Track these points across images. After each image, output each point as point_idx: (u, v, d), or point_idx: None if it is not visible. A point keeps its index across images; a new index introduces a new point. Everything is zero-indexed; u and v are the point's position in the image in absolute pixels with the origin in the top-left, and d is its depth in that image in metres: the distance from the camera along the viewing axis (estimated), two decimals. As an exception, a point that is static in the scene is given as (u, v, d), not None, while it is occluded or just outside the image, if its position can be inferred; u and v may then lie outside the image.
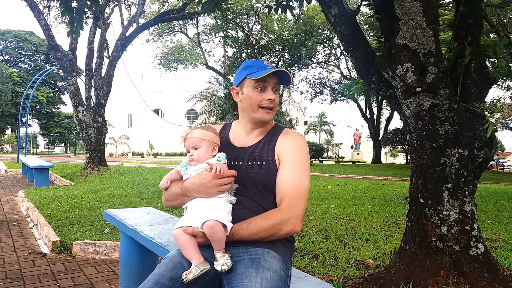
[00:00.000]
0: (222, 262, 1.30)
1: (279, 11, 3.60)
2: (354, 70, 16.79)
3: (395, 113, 21.20)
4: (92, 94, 11.54)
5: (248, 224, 1.36)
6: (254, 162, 1.48)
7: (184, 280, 1.26)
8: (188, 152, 1.49)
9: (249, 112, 1.50)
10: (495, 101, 2.40)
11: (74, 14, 3.44)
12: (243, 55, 23.91)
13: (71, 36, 7.09)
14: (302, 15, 21.52)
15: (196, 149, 1.47)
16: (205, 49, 24.67)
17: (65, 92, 36.25)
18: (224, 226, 1.33)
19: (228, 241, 1.35)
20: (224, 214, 1.36)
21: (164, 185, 1.50)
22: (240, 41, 23.70)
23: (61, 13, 3.49)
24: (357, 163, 28.08)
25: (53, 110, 48.71)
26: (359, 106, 26.68)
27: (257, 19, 22.17)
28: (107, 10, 12.33)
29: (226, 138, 1.58)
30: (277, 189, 1.43)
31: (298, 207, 1.39)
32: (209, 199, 1.40)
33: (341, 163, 29.88)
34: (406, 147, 22.01)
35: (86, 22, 3.45)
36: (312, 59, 25.67)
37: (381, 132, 26.81)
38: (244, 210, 1.41)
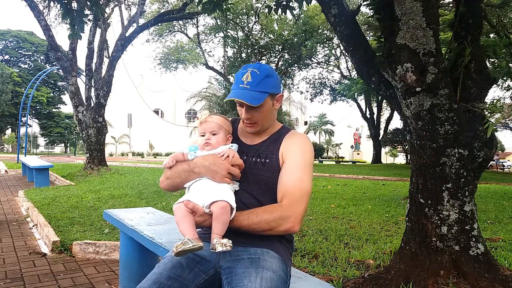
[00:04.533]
0: (225, 241, 1.27)
1: (279, 11, 3.60)
2: (354, 70, 16.78)
3: (395, 113, 21.20)
4: (92, 94, 11.54)
5: (249, 213, 1.37)
6: (258, 159, 1.49)
7: (174, 251, 1.24)
8: (203, 135, 1.50)
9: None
10: (495, 101, 2.40)
11: (75, 16, 3.43)
12: (243, 55, 23.91)
13: (72, 39, 7.09)
14: (302, 15, 21.52)
15: (214, 134, 1.48)
16: (205, 49, 24.70)
17: (65, 92, 36.25)
18: (232, 210, 1.33)
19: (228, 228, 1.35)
20: (233, 198, 1.36)
21: (169, 163, 1.49)
22: (240, 41, 23.70)
23: (62, 16, 3.48)
24: (357, 163, 28.08)
25: (53, 110, 48.70)
26: (359, 106, 26.69)
27: (257, 19, 22.17)
28: (107, 10, 12.33)
29: (234, 132, 1.60)
30: (279, 187, 1.44)
31: (299, 207, 1.39)
32: (214, 183, 1.40)
33: (341, 163, 29.88)
34: (406, 147, 22.03)
35: (86, 23, 3.44)
36: (312, 59, 25.65)
37: (381, 132, 26.82)
38: (242, 204, 1.42)
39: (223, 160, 1.40)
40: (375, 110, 26.79)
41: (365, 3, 2.90)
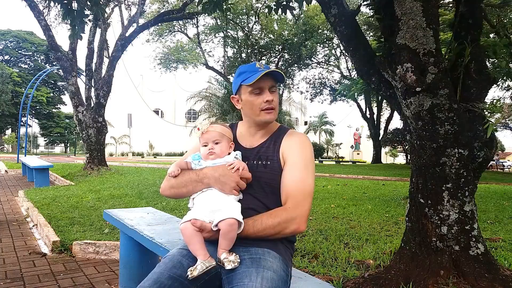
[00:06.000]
0: (233, 258, 1.30)
1: (279, 11, 3.60)
2: (354, 70, 16.78)
3: (395, 113, 21.20)
4: (92, 94, 11.55)
5: (254, 221, 1.37)
6: (260, 162, 1.50)
7: (190, 276, 1.26)
8: (205, 145, 1.50)
9: (252, 116, 1.53)
10: (495, 101, 2.40)
11: (75, 16, 3.43)
12: (243, 55, 23.92)
13: (73, 39, 7.09)
14: (302, 15, 21.52)
15: (217, 143, 1.49)
16: (205, 49, 24.68)
17: (65, 92, 36.27)
18: (240, 225, 1.34)
19: None
20: (239, 213, 1.37)
21: (175, 172, 1.49)
22: (240, 41, 23.70)
23: (62, 16, 3.48)
24: (357, 163, 28.08)
25: (53, 110, 48.68)
26: (359, 106, 26.68)
27: (257, 19, 22.17)
28: (107, 10, 12.33)
29: (234, 137, 1.60)
30: (282, 189, 1.45)
31: (303, 207, 1.40)
32: (221, 195, 1.40)
33: (341, 163, 29.88)
34: (406, 147, 22.02)
35: (86, 23, 3.43)
36: (312, 59, 25.65)
37: (381, 132, 26.81)
38: (248, 208, 1.42)
39: (233, 173, 1.41)
40: (375, 110, 26.79)
41: (365, 3, 2.90)
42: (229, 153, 1.50)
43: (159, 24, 19.32)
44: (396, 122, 30.00)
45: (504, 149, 53.81)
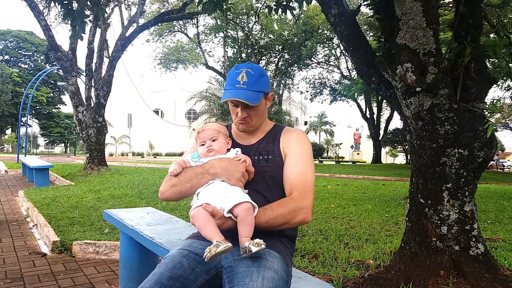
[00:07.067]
0: (258, 240, 1.26)
1: (279, 11, 3.60)
2: (354, 70, 16.79)
3: (395, 113, 21.20)
4: (92, 94, 11.54)
5: (264, 209, 1.39)
6: (261, 157, 1.53)
7: (208, 256, 1.22)
8: (203, 144, 1.52)
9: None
10: (495, 101, 2.40)
11: (76, 17, 3.42)
12: (243, 55, 23.92)
13: (73, 40, 7.10)
14: (302, 15, 21.52)
15: (214, 140, 1.51)
16: (205, 49, 24.71)
17: (65, 92, 36.24)
18: (254, 208, 1.34)
19: None
20: (249, 198, 1.37)
21: (177, 170, 1.48)
22: (240, 41, 23.71)
23: (62, 17, 3.48)
24: (357, 163, 28.08)
25: (53, 110, 48.68)
26: (359, 106, 26.70)
27: (257, 19, 22.17)
28: (107, 10, 12.33)
29: (230, 136, 1.63)
30: (286, 182, 1.49)
31: (308, 198, 1.44)
32: (228, 186, 1.40)
33: (341, 163, 29.88)
34: (406, 147, 22.03)
35: (86, 23, 3.44)
36: (312, 59, 25.67)
37: (381, 132, 26.82)
38: None
39: (240, 164, 1.44)
40: (375, 110, 26.80)
41: (365, 3, 2.90)
42: (228, 150, 1.52)
43: (159, 24, 19.34)
44: (396, 122, 30.05)
45: (504, 149, 53.80)
